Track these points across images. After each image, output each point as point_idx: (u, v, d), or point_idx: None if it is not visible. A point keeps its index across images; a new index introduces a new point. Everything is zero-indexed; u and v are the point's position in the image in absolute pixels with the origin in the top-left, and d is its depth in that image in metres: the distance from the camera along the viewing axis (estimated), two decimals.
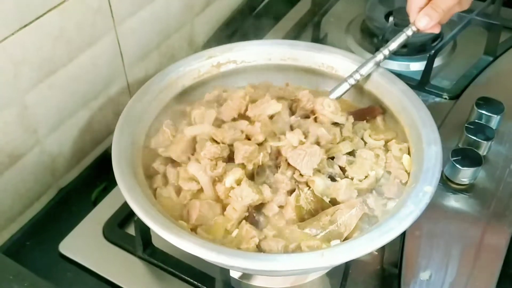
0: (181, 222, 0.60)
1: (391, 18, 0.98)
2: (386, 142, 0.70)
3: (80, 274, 0.68)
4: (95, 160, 0.81)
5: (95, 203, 0.76)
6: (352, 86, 0.73)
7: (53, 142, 0.73)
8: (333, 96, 0.73)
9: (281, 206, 0.63)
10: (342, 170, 0.66)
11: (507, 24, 1.00)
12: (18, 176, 0.69)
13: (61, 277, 0.68)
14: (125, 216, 0.72)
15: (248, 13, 1.04)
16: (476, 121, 0.80)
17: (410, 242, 0.69)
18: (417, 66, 0.95)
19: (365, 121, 0.73)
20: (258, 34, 1.00)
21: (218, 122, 0.70)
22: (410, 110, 0.69)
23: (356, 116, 0.73)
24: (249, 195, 0.60)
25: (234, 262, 0.54)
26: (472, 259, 0.68)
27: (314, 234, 0.60)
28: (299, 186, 0.63)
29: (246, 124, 0.68)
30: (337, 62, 0.77)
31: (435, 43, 0.96)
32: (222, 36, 0.97)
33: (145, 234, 0.67)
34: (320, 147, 0.64)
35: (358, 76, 0.73)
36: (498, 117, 0.80)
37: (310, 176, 0.63)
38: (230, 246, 0.58)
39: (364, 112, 0.73)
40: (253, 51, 0.78)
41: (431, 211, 0.59)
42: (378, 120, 0.73)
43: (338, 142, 0.68)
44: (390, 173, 0.67)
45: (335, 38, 1.02)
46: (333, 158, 0.67)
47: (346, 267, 0.63)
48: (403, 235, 0.69)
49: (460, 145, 0.79)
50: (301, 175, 0.64)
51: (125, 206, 0.71)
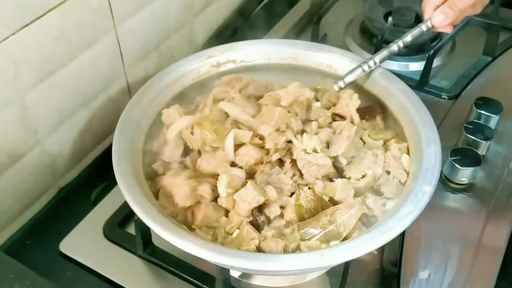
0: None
1: (390, 18, 0.98)
2: (385, 141, 0.70)
3: (80, 273, 0.68)
4: (95, 160, 0.81)
5: (95, 203, 0.76)
6: (364, 72, 0.73)
7: (53, 142, 0.73)
8: (347, 80, 0.73)
9: (282, 207, 0.63)
10: (339, 170, 0.66)
11: (506, 24, 1.00)
12: (18, 176, 0.69)
13: (61, 276, 0.68)
14: (125, 215, 0.72)
15: (247, 13, 1.04)
16: (475, 121, 0.80)
17: (410, 242, 0.69)
18: (416, 66, 0.95)
19: (364, 120, 0.73)
20: (257, 34, 1.00)
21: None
22: (410, 109, 0.69)
23: None
24: (255, 198, 0.60)
25: (235, 263, 0.54)
26: (471, 259, 0.68)
27: (314, 234, 0.60)
28: (299, 186, 0.63)
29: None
30: (336, 61, 0.77)
31: (434, 43, 0.96)
32: (221, 36, 0.97)
33: (145, 233, 0.67)
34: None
35: (372, 63, 0.73)
36: (497, 117, 0.80)
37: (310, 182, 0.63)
38: (230, 247, 0.59)
39: (363, 111, 0.73)
40: (252, 51, 0.78)
41: (430, 211, 0.59)
42: (378, 119, 0.73)
43: None
44: (389, 172, 0.67)
45: (334, 38, 1.02)
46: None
47: (346, 266, 0.63)
48: (403, 235, 0.69)
49: (459, 145, 0.79)
50: (302, 178, 0.64)
51: (125, 206, 0.70)
